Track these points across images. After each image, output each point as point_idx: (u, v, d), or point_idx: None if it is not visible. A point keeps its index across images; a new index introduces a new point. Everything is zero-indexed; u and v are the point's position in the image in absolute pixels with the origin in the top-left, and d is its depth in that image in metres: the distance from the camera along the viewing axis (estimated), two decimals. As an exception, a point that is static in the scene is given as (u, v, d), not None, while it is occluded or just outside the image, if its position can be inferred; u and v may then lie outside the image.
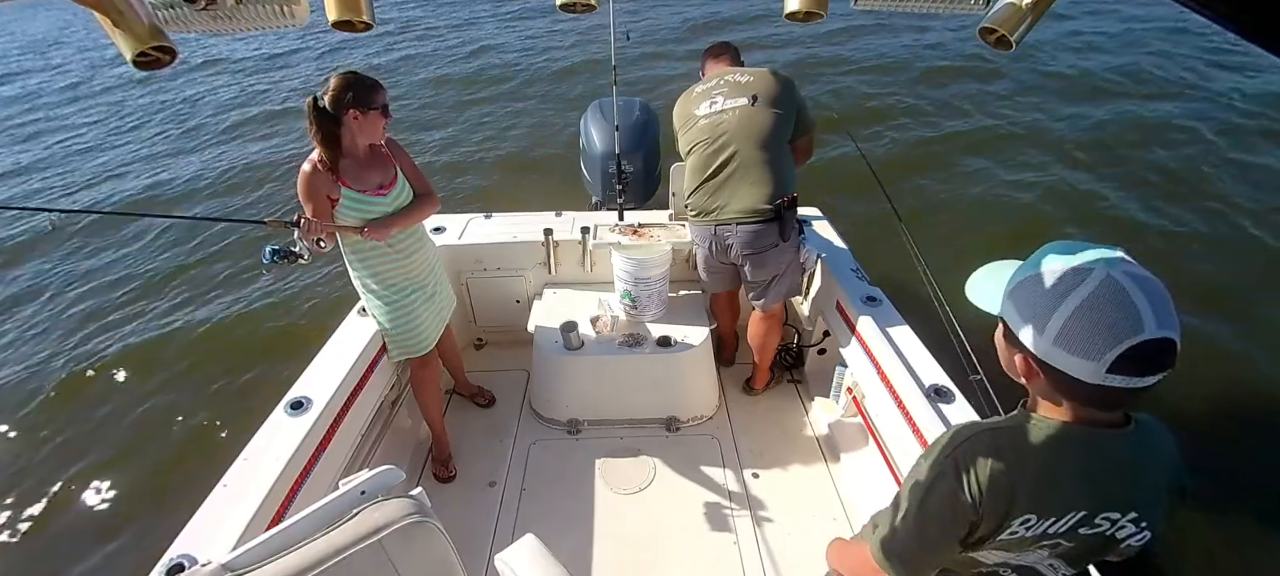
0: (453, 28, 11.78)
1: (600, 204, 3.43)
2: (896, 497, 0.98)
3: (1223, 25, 0.41)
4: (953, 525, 0.90)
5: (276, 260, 1.90)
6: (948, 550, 0.93)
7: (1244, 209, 4.78)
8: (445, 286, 2.36)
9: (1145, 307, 0.74)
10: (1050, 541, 0.90)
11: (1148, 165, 5.52)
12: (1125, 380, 0.76)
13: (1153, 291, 0.75)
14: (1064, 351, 0.78)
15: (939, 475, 0.91)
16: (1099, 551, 0.92)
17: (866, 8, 0.98)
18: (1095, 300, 0.76)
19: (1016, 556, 0.94)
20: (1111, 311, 0.75)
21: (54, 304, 4.55)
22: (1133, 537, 0.89)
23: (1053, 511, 0.87)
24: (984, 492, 0.87)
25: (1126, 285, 0.75)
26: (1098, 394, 0.79)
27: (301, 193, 1.90)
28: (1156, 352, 0.74)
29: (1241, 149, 5.69)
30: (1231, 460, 2.86)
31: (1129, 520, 0.88)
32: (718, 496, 2.31)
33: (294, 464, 1.75)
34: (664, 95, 7.22)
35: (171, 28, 0.85)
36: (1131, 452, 0.87)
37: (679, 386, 2.60)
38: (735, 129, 2.16)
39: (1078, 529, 0.88)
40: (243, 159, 6.86)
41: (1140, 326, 0.73)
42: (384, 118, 1.93)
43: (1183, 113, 6.43)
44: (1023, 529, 0.88)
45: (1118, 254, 0.79)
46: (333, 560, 1.05)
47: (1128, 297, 0.74)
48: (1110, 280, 0.76)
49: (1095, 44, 8.61)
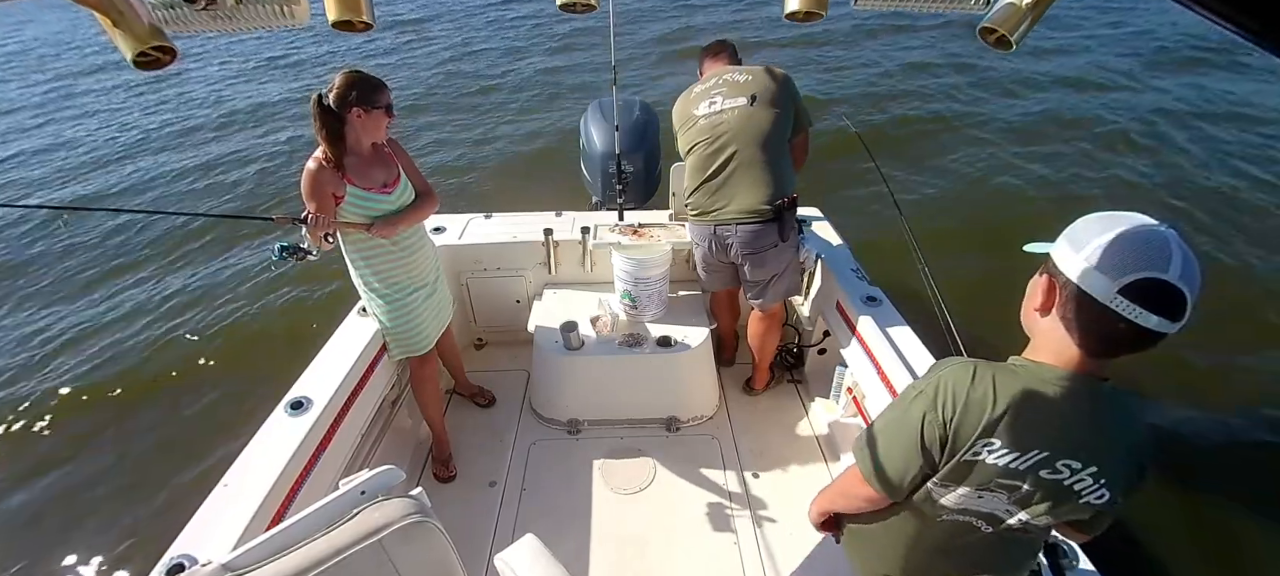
0: (452, 27, 11.78)
1: (600, 204, 3.43)
2: (880, 416, 1.09)
3: (1228, 28, 0.41)
4: (926, 439, 0.98)
5: (285, 257, 1.90)
6: (921, 464, 1.01)
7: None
8: (444, 286, 2.36)
9: (1177, 260, 0.81)
10: (1011, 480, 0.96)
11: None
12: (1130, 307, 0.82)
13: (1190, 259, 0.82)
14: (1091, 265, 0.85)
15: (918, 394, 1.01)
16: (1058, 502, 0.96)
17: (866, 8, 0.98)
18: (1139, 234, 0.84)
19: (978, 497, 0.99)
20: (1146, 248, 0.83)
21: (53, 304, 4.54)
22: (1091, 494, 0.94)
23: (1017, 444, 0.93)
24: (956, 411, 0.95)
25: (1172, 240, 0.83)
26: (1099, 322, 0.86)
27: (305, 190, 1.89)
28: (1168, 297, 0.81)
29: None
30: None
31: (1088, 473, 0.93)
32: (718, 496, 2.31)
33: (294, 464, 1.75)
34: (664, 95, 7.22)
35: (171, 28, 0.85)
36: (1101, 409, 0.93)
37: (679, 386, 2.60)
38: (735, 129, 2.16)
39: (1038, 470, 0.94)
40: (244, 159, 6.86)
41: (1165, 267, 0.81)
42: (387, 117, 1.94)
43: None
44: (987, 453, 0.95)
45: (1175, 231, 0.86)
46: (333, 560, 1.05)
47: (1167, 246, 0.82)
48: (1157, 230, 0.84)
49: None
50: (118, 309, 4.41)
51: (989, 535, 1.04)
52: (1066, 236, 0.91)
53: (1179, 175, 5.38)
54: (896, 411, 1.05)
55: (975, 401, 0.95)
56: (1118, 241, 0.84)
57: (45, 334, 4.22)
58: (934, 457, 1.00)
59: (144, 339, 4.08)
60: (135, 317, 4.31)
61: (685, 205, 2.42)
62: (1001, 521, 1.02)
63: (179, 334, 4.12)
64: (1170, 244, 0.82)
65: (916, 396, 1.01)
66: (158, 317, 4.29)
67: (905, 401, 1.04)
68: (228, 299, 4.43)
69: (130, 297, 4.53)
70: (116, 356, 3.94)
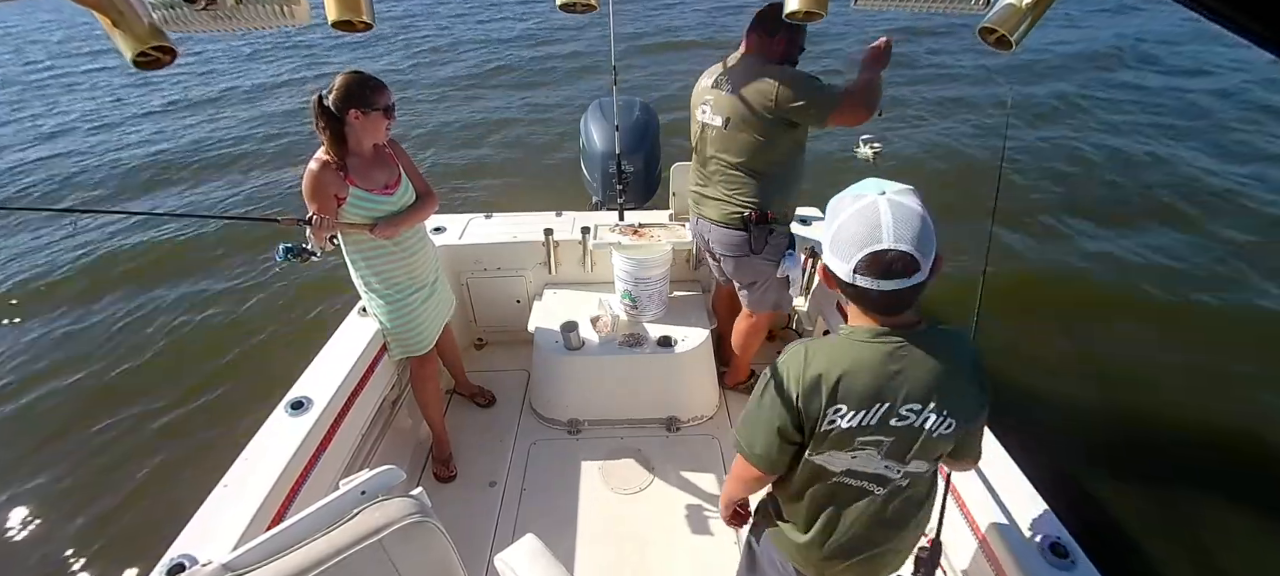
0: (452, 28, 11.78)
1: (600, 204, 3.43)
2: (748, 403, 1.20)
3: (1233, 30, 0.40)
4: (783, 413, 1.10)
5: (289, 258, 1.91)
6: (786, 438, 1.12)
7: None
8: (444, 286, 2.37)
9: (888, 226, 0.94)
10: (870, 436, 1.07)
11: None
12: (870, 281, 0.97)
13: (903, 215, 0.95)
14: (833, 254, 1.01)
15: (769, 379, 1.14)
16: (919, 443, 1.07)
17: (866, 8, 0.98)
18: (853, 216, 0.97)
19: (852, 458, 1.10)
20: (860, 225, 0.96)
21: (51, 306, 4.54)
22: (941, 426, 1.05)
23: (859, 402, 1.04)
24: (800, 385, 1.07)
25: (882, 207, 0.95)
26: (859, 295, 1.01)
27: (307, 191, 1.89)
28: (893, 261, 0.95)
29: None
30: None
31: (930, 410, 1.04)
32: (717, 496, 2.30)
33: (294, 464, 1.76)
34: (664, 95, 7.23)
35: (171, 28, 0.85)
36: (923, 353, 1.03)
37: (679, 386, 2.60)
38: (715, 145, 2.21)
39: (888, 420, 1.05)
40: (244, 160, 6.87)
41: (877, 238, 0.94)
42: (386, 119, 1.94)
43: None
44: (840, 419, 1.06)
45: (894, 186, 0.99)
46: (333, 560, 1.05)
47: (877, 216, 0.95)
48: (871, 203, 0.97)
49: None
50: (118, 309, 4.41)
51: (884, 497, 1.14)
52: (826, 223, 1.05)
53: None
54: (755, 399, 1.17)
55: (812, 377, 1.06)
56: (842, 225, 0.99)
57: (44, 334, 4.22)
58: (790, 434, 1.12)
59: (144, 339, 4.08)
60: (135, 318, 4.31)
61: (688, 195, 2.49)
62: (888, 480, 1.12)
63: (179, 333, 4.12)
64: (879, 213, 0.95)
65: (766, 385, 1.14)
66: (158, 318, 4.29)
67: (760, 388, 1.16)
68: (228, 299, 4.43)
69: (130, 298, 4.53)
70: (116, 356, 3.94)
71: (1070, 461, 2.87)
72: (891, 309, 1.02)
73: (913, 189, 0.99)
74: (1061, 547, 1.44)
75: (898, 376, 1.03)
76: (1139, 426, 3.13)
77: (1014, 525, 1.50)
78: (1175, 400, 3.26)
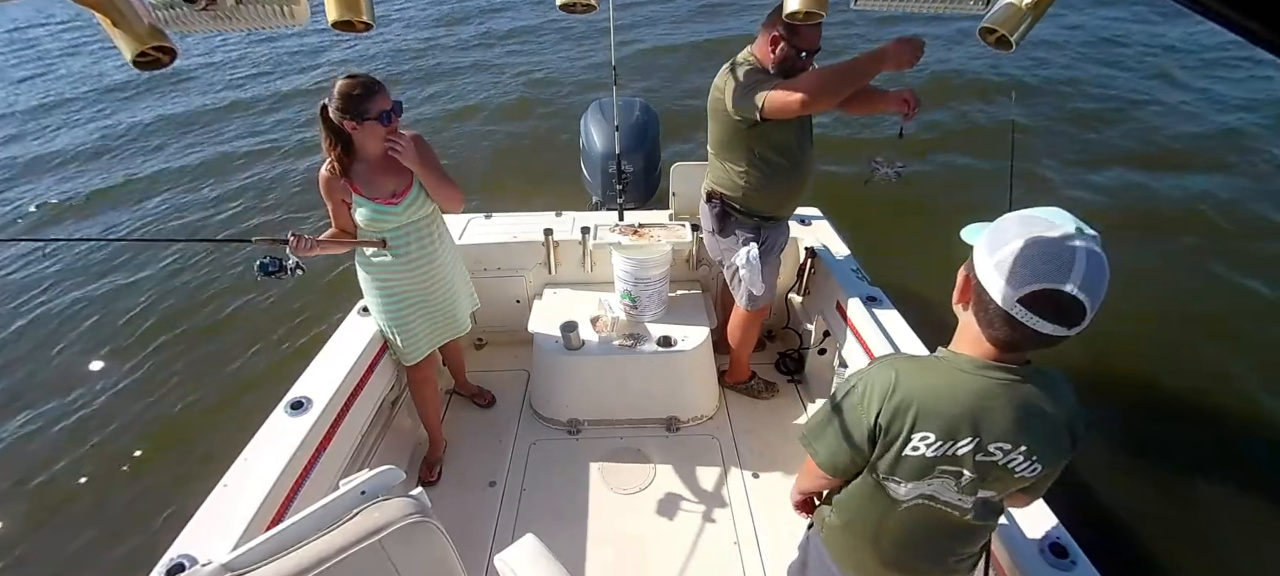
0: (452, 27, 11.77)
1: (600, 204, 3.43)
2: (822, 406, 1.17)
3: (1232, 30, 0.40)
4: (859, 426, 1.07)
5: (266, 275, 1.88)
6: (859, 452, 1.09)
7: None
8: (458, 309, 2.31)
9: (1079, 269, 0.85)
10: (950, 466, 1.03)
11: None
12: (1029, 315, 0.88)
13: (1095, 264, 0.86)
14: (999, 273, 0.90)
15: (851, 387, 1.10)
16: (999, 481, 1.04)
17: (866, 8, 0.98)
18: (1045, 246, 0.87)
19: (927, 485, 1.07)
20: (1052, 259, 0.86)
21: (52, 307, 4.54)
22: (1026, 469, 1.02)
23: (947, 433, 1.00)
24: (884, 402, 1.03)
25: (1078, 248, 0.86)
26: (1003, 324, 0.92)
27: (322, 193, 1.96)
28: (1066, 305, 0.86)
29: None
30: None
31: (1020, 453, 1.00)
32: (718, 496, 2.31)
33: (294, 464, 1.75)
34: (664, 95, 7.22)
35: (171, 28, 0.85)
36: (1025, 393, 0.99)
37: (679, 386, 2.60)
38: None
39: (975, 455, 1.01)
40: (247, 159, 6.86)
41: (1066, 278, 0.85)
42: (381, 126, 1.84)
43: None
44: (924, 446, 1.02)
45: (1090, 232, 0.89)
46: (333, 560, 1.05)
47: (1071, 256, 0.85)
48: (1068, 238, 0.87)
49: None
50: (117, 308, 4.41)
51: (948, 524, 1.11)
52: (987, 235, 0.95)
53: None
54: (833, 406, 1.14)
55: (901, 399, 1.02)
56: (1027, 249, 0.88)
57: (42, 340, 4.22)
58: (864, 450, 1.09)
59: (143, 339, 4.08)
60: (134, 317, 4.31)
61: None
62: (959, 508, 1.08)
63: (179, 333, 4.12)
64: (1076, 254, 0.85)
65: (847, 392, 1.10)
66: (157, 317, 4.29)
67: (840, 394, 1.12)
68: (228, 299, 4.42)
69: (129, 297, 4.53)
70: (116, 356, 3.94)
71: (1070, 461, 2.87)
72: (1019, 347, 0.96)
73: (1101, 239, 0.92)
74: (1061, 547, 1.44)
75: (992, 412, 0.99)
76: (1139, 426, 3.14)
77: (1014, 525, 1.50)
78: (1175, 400, 3.26)
